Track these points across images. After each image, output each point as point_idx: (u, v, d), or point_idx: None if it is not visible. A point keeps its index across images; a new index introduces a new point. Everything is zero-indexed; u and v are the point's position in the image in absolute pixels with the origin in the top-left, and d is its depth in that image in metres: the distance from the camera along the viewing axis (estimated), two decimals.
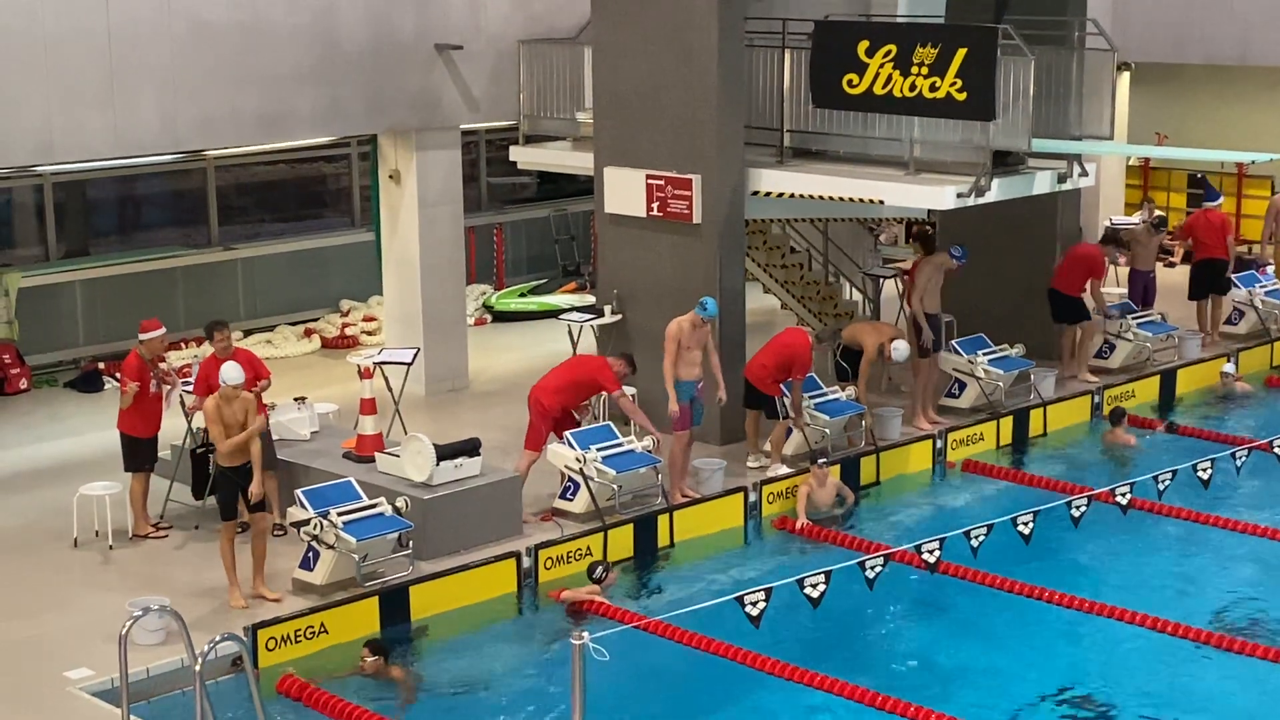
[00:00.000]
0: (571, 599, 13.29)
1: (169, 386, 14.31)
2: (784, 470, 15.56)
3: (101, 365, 19.11)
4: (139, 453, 14.23)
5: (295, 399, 15.50)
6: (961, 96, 15.18)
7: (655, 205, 16.51)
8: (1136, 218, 23.06)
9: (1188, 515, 14.89)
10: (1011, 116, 15.59)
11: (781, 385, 15.60)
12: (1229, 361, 19.44)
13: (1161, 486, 11.79)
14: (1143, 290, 20.25)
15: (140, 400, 14.07)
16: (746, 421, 16.06)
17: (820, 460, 15.18)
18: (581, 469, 14.41)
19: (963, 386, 17.53)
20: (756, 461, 15.86)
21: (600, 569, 13.52)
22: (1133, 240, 20.51)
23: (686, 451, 15.16)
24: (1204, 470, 12.22)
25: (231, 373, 12.85)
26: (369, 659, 12.14)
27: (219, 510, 12.92)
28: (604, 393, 15.13)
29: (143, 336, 14.17)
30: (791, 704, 11.72)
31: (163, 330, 14.29)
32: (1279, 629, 12.92)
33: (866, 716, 11.45)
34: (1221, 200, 21.78)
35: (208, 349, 19.62)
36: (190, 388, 14.61)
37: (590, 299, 18.15)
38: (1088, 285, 18.51)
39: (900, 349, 16.55)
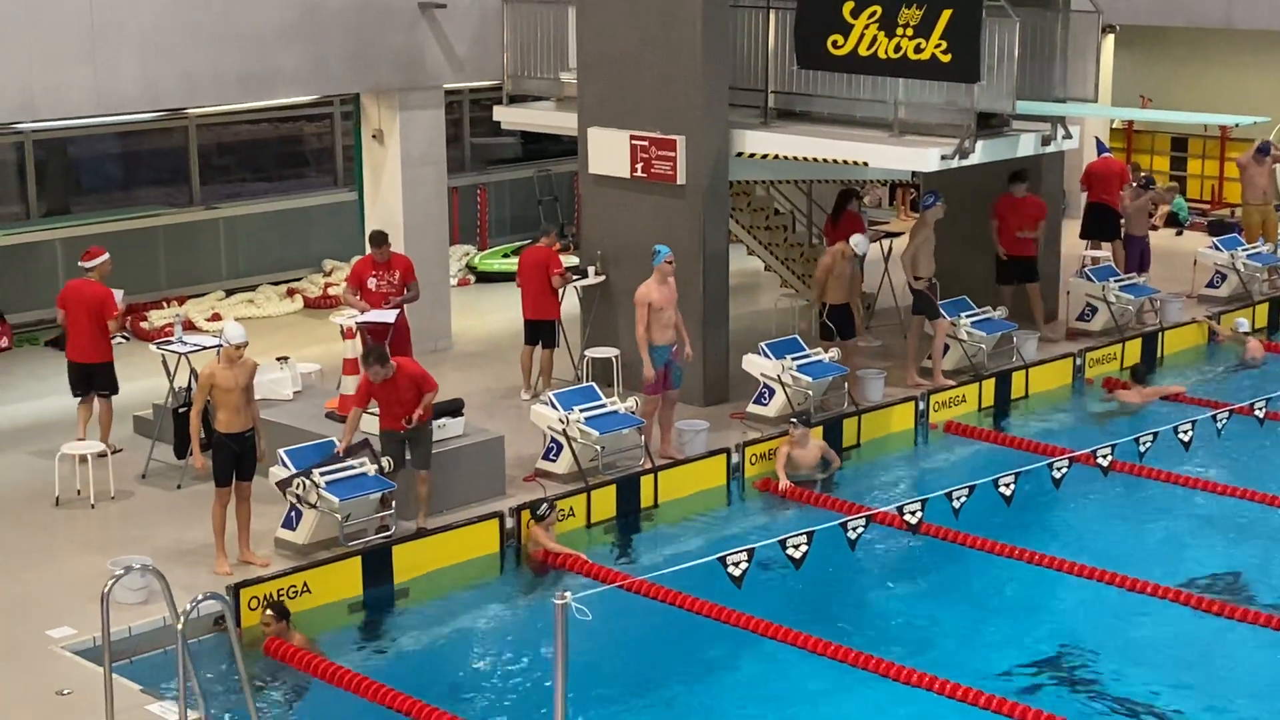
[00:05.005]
0: (541, 549, 13.36)
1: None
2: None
3: None
4: (96, 377, 14.59)
5: (278, 359, 15.44)
6: (946, 58, 15.15)
7: (639, 166, 16.47)
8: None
9: (1169, 477, 14.95)
10: (996, 78, 15.59)
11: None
12: (1208, 320, 19.47)
13: (1143, 449, 11.81)
14: (1139, 255, 20.22)
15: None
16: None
17: (793, 420, 15.19)
18: (564, 430, 14.42)
19: (946, 349, 17.55)
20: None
21: (545, 506, 13.56)
22: (1123, 206, 20.45)
23: (662, 412, 15.12)
24: (1184, 433, 12.25)
25: (234, 332, 12.75)
26: (272, 622, 11.92)
27: (214, 477, 12.79)
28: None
29: (90, 264, 14.57)
30: (773, 662, 11.76)
31: (107, 255, 14.71)
32: (1257, 591, 12.99)
33: (848, 675, 11.48)
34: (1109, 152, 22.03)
35: (190, 309, 19.73)
36: (173, 346, 14.73)
37: (574, 260, 18.09)
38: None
39: (859, 242, 16.60)
